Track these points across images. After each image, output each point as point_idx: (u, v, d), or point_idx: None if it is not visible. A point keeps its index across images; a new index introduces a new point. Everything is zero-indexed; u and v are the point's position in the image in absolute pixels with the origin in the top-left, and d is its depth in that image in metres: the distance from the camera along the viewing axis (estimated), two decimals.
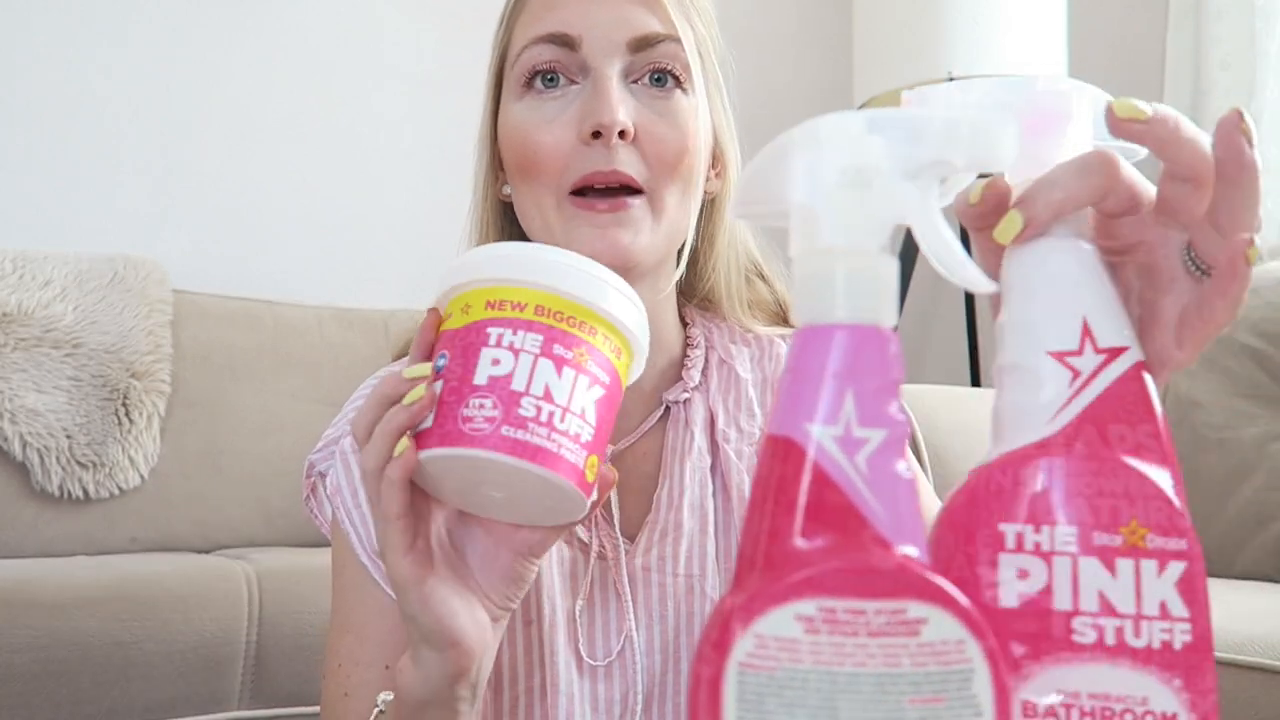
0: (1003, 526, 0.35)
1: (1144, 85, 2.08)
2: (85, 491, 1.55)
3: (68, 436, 1.55)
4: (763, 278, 0.78)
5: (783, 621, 0.30)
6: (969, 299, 2.22)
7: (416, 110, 2.19)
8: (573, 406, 0.49)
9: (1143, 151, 0.41)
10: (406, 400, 0.50)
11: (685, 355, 0.74)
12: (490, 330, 0.50)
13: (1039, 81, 0.41)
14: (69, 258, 1.68)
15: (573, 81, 0.67)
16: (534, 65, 0.67)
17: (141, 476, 1.60)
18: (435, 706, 0.55)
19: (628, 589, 0.68)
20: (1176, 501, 0.35)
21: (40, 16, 1.89)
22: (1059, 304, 0.37)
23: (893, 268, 0.33)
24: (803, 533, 0.31)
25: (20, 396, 1.53)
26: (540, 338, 0.49)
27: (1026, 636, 0.35)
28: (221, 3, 2.05)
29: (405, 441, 0.50)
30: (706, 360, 0.74)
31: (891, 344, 0.33)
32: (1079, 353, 0.36)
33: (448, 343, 0.51)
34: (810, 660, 0.30)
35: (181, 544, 1.63)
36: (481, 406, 0.48)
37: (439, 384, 0.50)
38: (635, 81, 0.67)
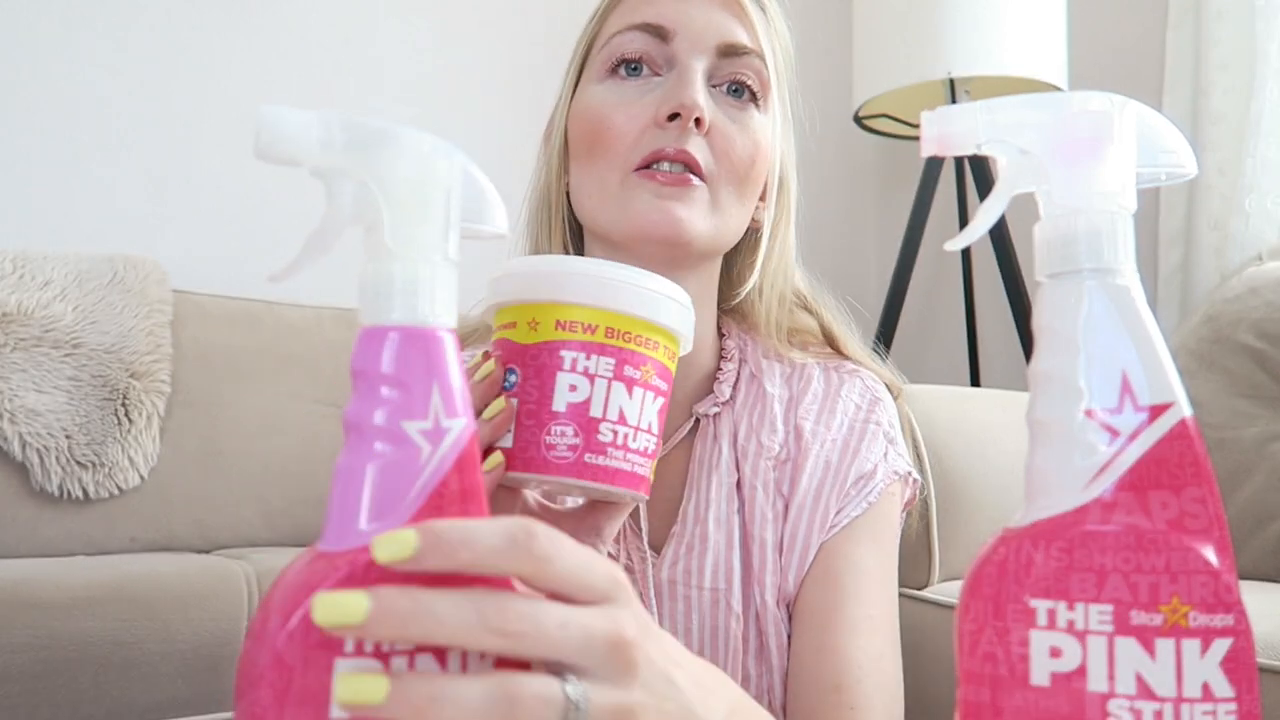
0: (1033, 602, 0.33)
1: (1144, 85, 2.08)
2: (85, 491, 1.55)
3: (67, 436, 1.55)
4: (808, 309, 0.78)
5: None
6: (969, 299, 2.22)
7: (416, 110, 2.19)
8: (642, 424, 0.51)
9: (1193, 172, 0.38)
10: (487, 415, 0.50)
11: (719, 368, 0.74)
12: (564, 354, 0.50)
13: (1074, 100, 0.36)
14: (69, 258, 1.68)
15: (656, 73, 0.68)
16: (622, 51, 0.68)
17: (141, 476, 1.60)
18: None
19: (654, 601, 0.68)
20: (1223, 574, 0.32)
21: (40, 16, 1.88)
22: (1095, 355, 0.34)
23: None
24: None
25: (20, 396, 1.53)
26: (612, 361, 0.50)
27: (1058, 717, 0.33)
28: (221, 3, 2.05)
29: (497, 457, 0.50)
30: (738, 374, 0.74)
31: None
32: (1118, 410, 0.34)
33: (516, 357, 0.51)
34: None
35: (181, 544, 1.63)
36: (563, 435, 0.50)
37: (514, 401, 0.51)
38: (715, 87, 0.68)
